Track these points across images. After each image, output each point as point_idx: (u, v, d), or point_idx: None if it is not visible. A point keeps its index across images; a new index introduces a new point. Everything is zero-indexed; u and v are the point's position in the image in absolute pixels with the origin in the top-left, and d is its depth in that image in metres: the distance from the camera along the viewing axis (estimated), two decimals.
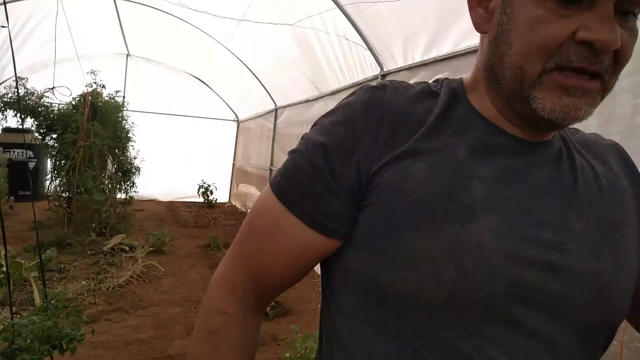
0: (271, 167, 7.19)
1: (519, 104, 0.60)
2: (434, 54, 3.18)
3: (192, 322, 3.44)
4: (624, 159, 0.72)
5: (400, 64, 3.62)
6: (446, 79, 0.70)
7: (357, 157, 0.61)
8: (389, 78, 3.75)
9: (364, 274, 0.60)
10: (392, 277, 0.57)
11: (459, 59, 2.94)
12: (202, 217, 7.96)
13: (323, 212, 0.62)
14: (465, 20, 2.79)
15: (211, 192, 9.00)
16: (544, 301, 0.56)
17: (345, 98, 0.67)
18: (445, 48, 3.06)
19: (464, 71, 2.48)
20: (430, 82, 0.70)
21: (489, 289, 0.55)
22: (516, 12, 0.57)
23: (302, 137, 0.68)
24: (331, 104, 5.10)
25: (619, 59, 0.55)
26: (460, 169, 0.60)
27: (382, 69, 3.86)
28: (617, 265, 0.60)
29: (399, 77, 3.62)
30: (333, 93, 4.92)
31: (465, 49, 2.87)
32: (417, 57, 3.38)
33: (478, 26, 0.64)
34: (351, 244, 0.62)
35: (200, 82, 9.22)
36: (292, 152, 0.66)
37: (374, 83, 0.68)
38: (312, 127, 0.68)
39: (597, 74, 0.55)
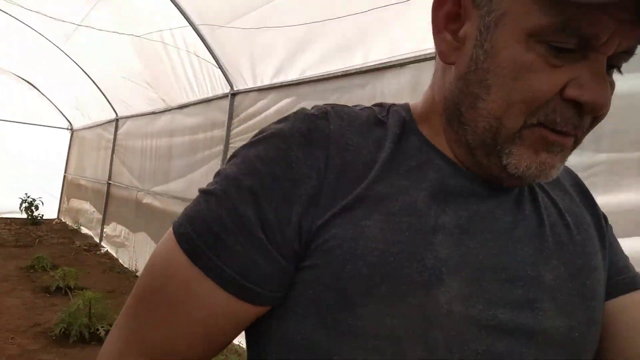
0: (109, 181, 6.73)
1: (485, 157, 0.52)
2: (282, 78, 3.35)
3: (10, 355, 3.06)
4: (582, 190, 0.66)
5: (250, 84, 3.73)
6: (393, 104, 0.61)
7: (297, 208, 0.49)
8: (239, 97, 3.83)
9: (310, 350, 0.48)
10: (349, 359, 0.47)
11: (304, 85, 3.15)
12: (25, 235, 7.10)
13: (251, 277, 0.49)
14: (311, 51, 3.01)
15: (36, 207, 8.07)
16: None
17: (274, 123, 0.55)
18: (292, 74, 3.25)
19: (310, 97, 2.68)
20: (372, 105, 0.61)
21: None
22: (498, 50, 0.48)
23: (218, 174, 0.53)
24: (179, 117, 4.96)
25: (600, 118, 0.49)
26: (421, 220, 0.50)
27: (232, 87, 3.93)
28: (587, 318, 0.54)
29: (249, 98, 3.72)
30: (181, 107, 4.83)
31: (310, 77, 3.09)
32: (266, 80, 3.52)
33: (443, 55, 0.54)
34: (288, 308, 0.50)
35: (30, 86, 8.27)
36: (204, 193, 0.52)
37: (295, 115, 0.55)
38: (230, 159, 0.54)
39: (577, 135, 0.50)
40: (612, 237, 0.65)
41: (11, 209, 8.08)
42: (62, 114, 8.75)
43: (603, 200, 1.29)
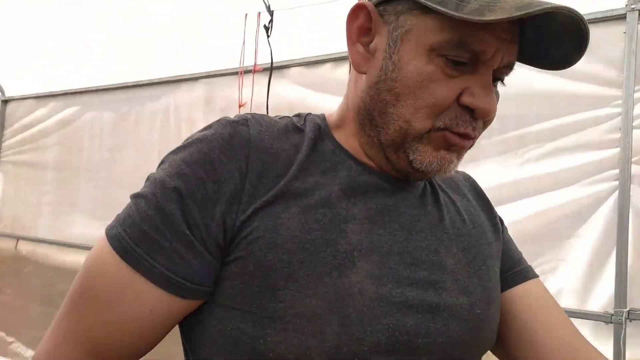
0: None
1: (395, 154, 0.59)
2: (65, 86, 3.12)
3: None
4: (478, 193, 0.75)
5: (27, 91, 3.36)
6: (309, 114, 0.67)
7: (220, 207, 0.53)
8: (12, 105, 3.42)
9: (237, 339, 0.52)
10: (272, 340, 0.50)
11: (91, 94, 3.00)
12: None
13: (180, 272, 0.52)
14: (99, 58, 2.87)
15: None
16: (424, 344, 0.55)
17: (199, 131, 0.59)
18: (76, 82, 3.06)
19: (97, 107, 2.53)
20: (291, 115, 0.67)
21: (372, 340, 0.52)
22: (404, 62, 0.55)
23: (148, 178, 0.57)
24: None
25: (488, 122, 0.59)
26: (334, 212, 0.56)
27: (2, 93, 3.48)
28: (486, 296, 0.62)
29: (24, 106, 3.35)
30: None
31: (97, 87, 2.95)
32: (46, 87, 3.23)
33: (357, 65, 0.60)
34: (217, 304, 0.54)
35: None
36: (134, 197, 0.56)
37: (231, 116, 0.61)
38: (159, 165, 0.58)
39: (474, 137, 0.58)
40: (507, 235, 0.76)
41: None
42: None
43: None
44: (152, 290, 0.52)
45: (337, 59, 2.13)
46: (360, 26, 0.59)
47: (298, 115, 0.67)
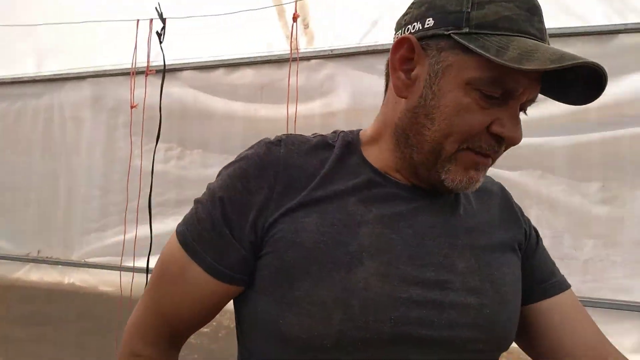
0: None
1: (427, 171, 0.65)
2: None
3: None
4: (508, 206, 0.79)
5: None
6: (342, 131, 0.74)
7: (253, 212, 0.64)
8: None
9: (264, 320, 0.64)
10: (289, 322, 0.61)
11: None
12: None
13: (222, 262, 0.66)
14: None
15: None
16: (430, 336, 0.60)
17: (246, 150, 0.70)
18: None
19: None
20: (329, 133, 0.74)
21: (375, 329, 0.59)
22: (443, 93, 0.61)
23: (207, 187, 0.70)
24: None
25: (509, 147, 0.65)
26: (349, 217, 0.64)
27: None
28: (499, 299, 0.66)
29: None
30: None
31: None
32: None
33: (398, 90, 0.66)
34: (253, 290, 0.66)
35: None
36: (196, 202, 0.70)
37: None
38: (217, 177, 0.70)
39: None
40: (542, 246, 0.80)
41: None
42: None
43: None
44: (204, 276, 0.66)
45: (229, 65, 2.23)
46: (403, 56, 0.65)
47: (335, 132, 0.75)
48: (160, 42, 1.80)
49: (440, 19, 0.62)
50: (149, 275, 0.79)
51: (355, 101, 2.03)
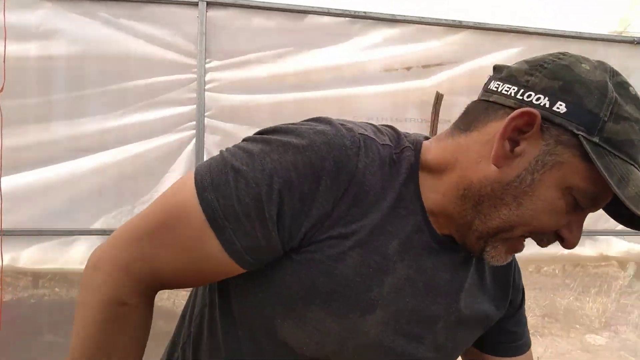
0: None
1: (475, 239, 0.64)
2: None
3: None
4: (507, 268, 0.77)
5: None
6: (407, 141, 0.68)
7: (307, 222, 0.59)
8: None
9: (263, 311, 0.63)
10: (287, 329, 0.63)
11: None
12: None
13: (248, 247, 0.59)
14: None
15: None
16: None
17: (315, 132, 0.60)
18: None
19: None
20: (389, 132, 0.68)
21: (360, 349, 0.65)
22: (542, 185, 0.58)
23: (249, 153, 0.59)
24: None
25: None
26: (384, 262, 0.63)
27: None
28: (448, 355, 0.73)
29: None
30: None
31: None
32: None
33: (497, 159, 0.60)
34: (274, 284, 0.63)
35: None
36: (235, 172, 0.58)
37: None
38: (261, 142, 0.60)
39: None
40: (522, 310, 0.82)
41: None
42: None
43: None
44: (221, 254, 0.60)
45: None
46: (518, 127, 0.59)
47: (397, 137, 0.69)
48: None
49: (574, 113, 0.57)
50: None
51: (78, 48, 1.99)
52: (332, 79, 2.18)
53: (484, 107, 0.64)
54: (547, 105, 0.58)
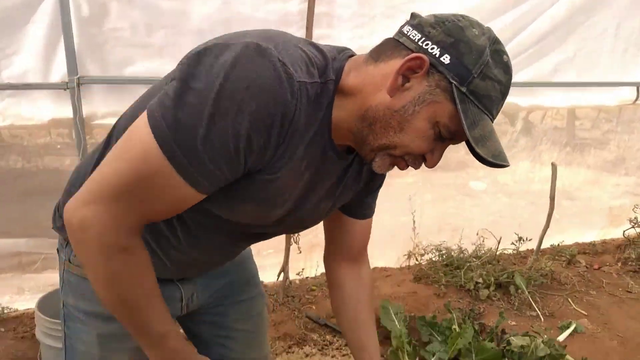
0: None
1: (367, 152, 0.82)
2: None
3: None
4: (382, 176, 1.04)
5: None
6: (330, 77, 0.78)
7: (269, 152, 0.74)
8: None
9: (211, 206, 0.83)
10: (230, 213, 0.86)
11: None
12: None
13: (210, 179, 0.73)
14: None
15: None
16: (287, 224, 0.96)
17: (259, 66, 0.69)
18: None
19: None
20: (321, 65, 0.78)
21: (267, 222, 0.92)
22: (419, 116, 0.74)
23: (209, 67, 0.69)
24: None
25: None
26: (299, 176, 0.83)
27: None
28: (318, 217, 1.02)
29: None
30: None
31: None
32: None
33: (391, 89, 0.74)
34: (228, 195, 0.81)
35: None
36: (192, 90, 0.70)
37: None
38: (225, 56, 0.69)
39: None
40: (378, 190, 1.11)
41: None
42: None
43: None
44: (185, 188, 0.73)
45: None
46: (411, 67, 0.74)
47: (325, 65, 0.79)
48: None
49: (454, 66, 0.72)
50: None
51: None
52: None
53: (394, 44, 0.77)
54: (437, 55, 0.73)
